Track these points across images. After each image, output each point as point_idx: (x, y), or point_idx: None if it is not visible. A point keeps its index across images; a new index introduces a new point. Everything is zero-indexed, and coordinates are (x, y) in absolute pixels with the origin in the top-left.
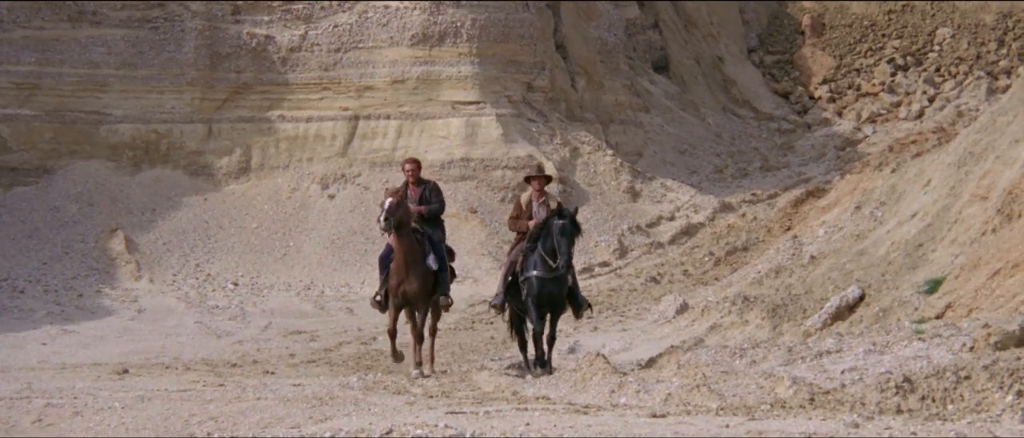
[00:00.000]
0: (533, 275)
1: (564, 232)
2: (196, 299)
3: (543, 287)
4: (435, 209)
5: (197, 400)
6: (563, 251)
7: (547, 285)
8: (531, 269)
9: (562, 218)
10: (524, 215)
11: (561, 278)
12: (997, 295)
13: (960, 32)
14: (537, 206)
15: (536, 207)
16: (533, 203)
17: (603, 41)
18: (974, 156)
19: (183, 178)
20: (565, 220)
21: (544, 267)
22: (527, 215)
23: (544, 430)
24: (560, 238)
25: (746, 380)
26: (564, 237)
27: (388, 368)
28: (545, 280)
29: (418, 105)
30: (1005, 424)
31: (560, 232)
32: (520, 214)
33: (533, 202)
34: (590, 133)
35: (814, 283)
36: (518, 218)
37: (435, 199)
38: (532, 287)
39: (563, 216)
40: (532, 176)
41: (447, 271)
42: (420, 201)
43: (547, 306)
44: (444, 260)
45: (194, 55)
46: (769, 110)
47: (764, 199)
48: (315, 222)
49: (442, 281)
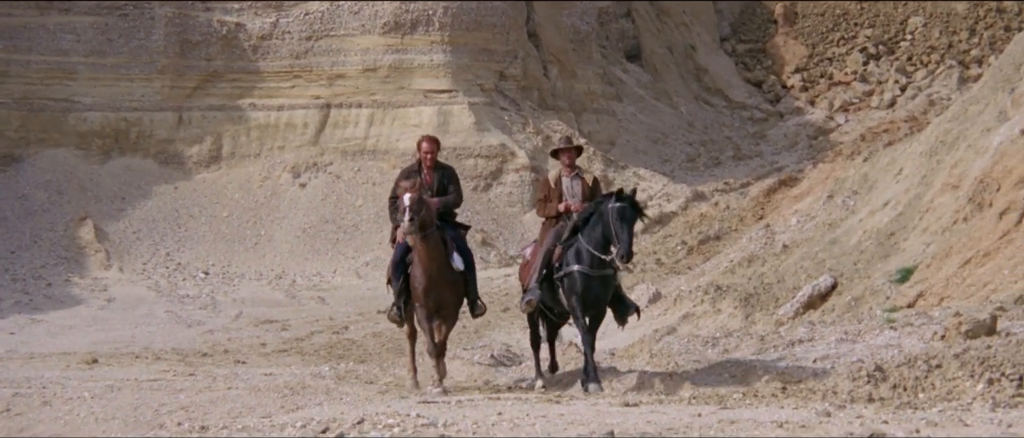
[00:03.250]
0: (576, 270)
1: (624, 217)
2: (166, 288)
3: (589, 286)
4: (450, 201)
5: (167, 390)
6: (623, 240)
7: (593, 284)
8: (573, 262)
9: (620, 201)
10: (554, 196)
11: (608, 278)
12: (968, 284)
13: (932, 21)
14: (569, 182)
15: (568, 184)
16: (564, 180)
17: (576, 30)
18: (945, 145)
19: (153, 166)
20: (624, 203)
21: (590, 261)
22: (557, 195)
23: (516, 419)
24: (619, 224)
25: (717, 369)
26: (624, 223)
27: (360, 357)
28: (591, 278)
29: (390, 93)
30: (975, 412)
31: (618, 217)
32: (549, 195)
33: (564, 178)
34: (563, 122)
35: (786, 272)
36: (547, 200)
37: (453, 188)
38: (574, 285)
39: (621, 198)
40: (560, 148)
41: (474, 272)
42: (436, 190)
43: (590, 309)
44: (471, 260)
45: (164, 43)
46: (741, 99)
47: (736, 188)
48: (286, 211)
49: (472, 284)
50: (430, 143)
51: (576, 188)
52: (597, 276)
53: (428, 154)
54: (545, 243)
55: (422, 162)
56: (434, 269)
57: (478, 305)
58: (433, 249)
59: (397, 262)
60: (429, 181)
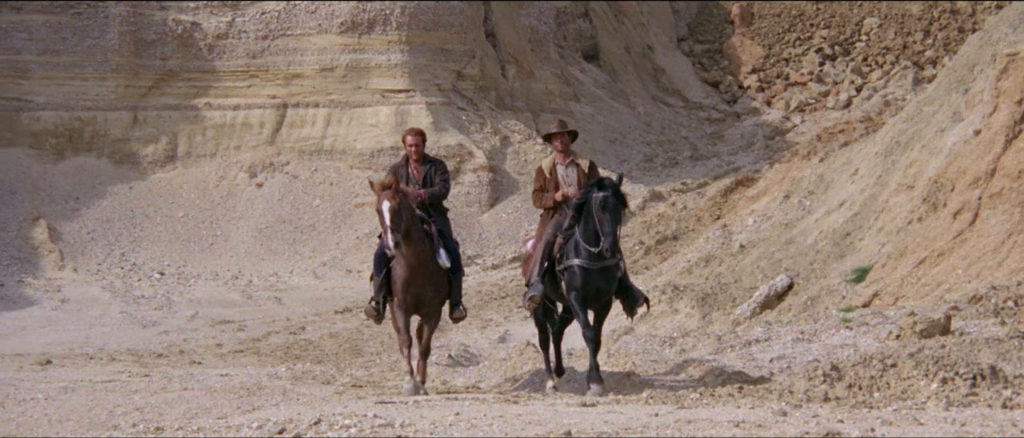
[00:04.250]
0: (576, 264)
1: (606, 207)
2: (121, 289)
3: (589, 279)
4: (436, 192)
5: (122, 391)
6: (607, 231)
7: (594, 277)
8: (572, 256)
9: (603, 189)
10: (550, 185)
11: (610, 269)
12: (923, 283)
13: (887, 22)
14: (564, 170)
15: (563, 172)
16: (558, 168)
17: (533, 29)
18: (900, 146)
19: (108, 166)
20: (606, 192)
21: (587, 255)
22: (553, 185)
23: (474, 420)
24: (601, 215)
25: (675, 369)
26: (606, 213)
27: (317, 357)
28: (591, 271)
29: (347, 93)
30: (930, 411)
31: (601, 207)
32: (544, 185)
33: (558, 166)
34: (520, 122)
35: (743, 272)
36: (542, 191)
37: (439, 179)
38: (575, 279)
39: (604, 187)
40: (552, 133)
41: (461, 271)
42: (423, 183)
43: (593, 303)
44: (458, 257)
45: (118, 41)
46: (699, 99)
47: (694, 188)
48: (243, 211)
49: (456, 285)
50: (415, 136)
51: (571, 176)
52: (597, 268)
53: (413, 147)
54: (545, 235)
55: (409, 156)
56: (416, 263)
57: (459, 307)
58: (417, 243)
59: (380, 255)
60: (416, 175)
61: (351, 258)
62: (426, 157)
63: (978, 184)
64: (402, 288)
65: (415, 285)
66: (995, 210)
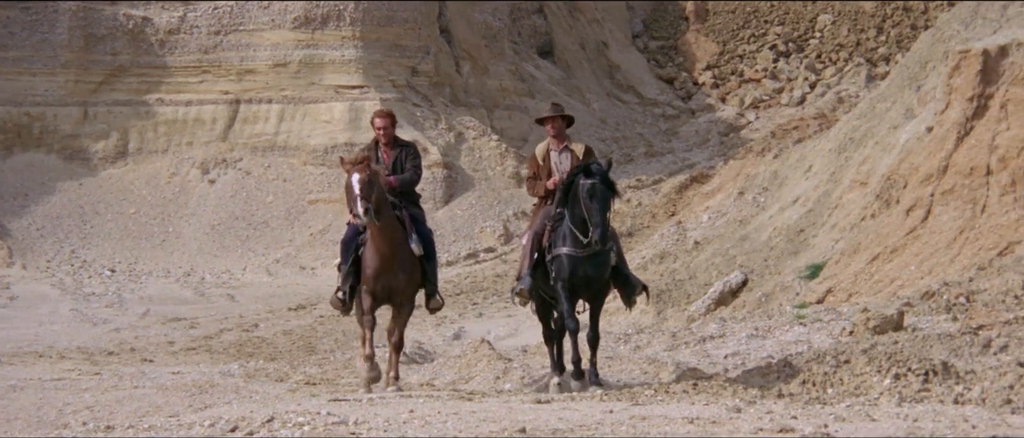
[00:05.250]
0: (563, 252)
1: (594, 195)
2: (71, 286)
3: (576, 268)
4: (407, 179)
5: (72, 389)
6: (596, 222)
7: (581, 266)
8: (560, 245)
9: (590, 176)
10: (543, 173)
11: (600, 256)
12: (876, 280)
13: (841, 19)
14: (558, 156)
15: (556, 158)
16: (552, 153)
17: (488, 26)
18: (854, 142)
19: (57, 162)
20: (594, 179)
21: (575, 242)
22: (546, 172)
23: (428, 417)
24: (589, 204)
25: (630, 365)
26: (595, 202)
27: (270, 355)
28: (578, 259)
29: (301, 89)
30: (883, 407)
31: (588, 195)
32: (538, 171)
33: (552, 151)
34: (475, 118)
35: (698, 268)
36: (536, 178)
37: (410, 164)
38: (562, 269)
39: (591, 174)
40: (545, 117)
41: (435, 259)
42: (393, 168)
43: (583, 292)
44: (431, 244)
45: (68, 36)
46: (653, 96)
47: (648, 185)
48: (195, 207)
49: (430, 272)
50: (384, 118)
51: (565, 162)
52: (586, 256)
53: (382, 130)
54: (535, 225)
55: (378, 139)
56: (387, 251)
57: (435, 297)
58: (387, 229)
59: (348, 241)
60: (387, 160)
61: (305, 255)
62: (396, 140)
63: (930, 181)
64: (373, 277)
65: (387, 273)
66: (947, 207)
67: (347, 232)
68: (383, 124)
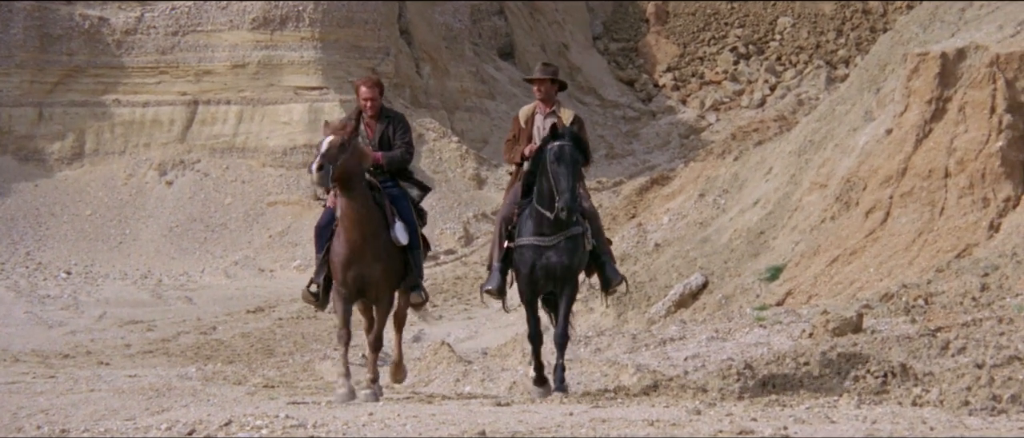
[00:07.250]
0: (525, 243)
1: (562, 158)
2: (26, 288)
3: (539, 258)
4: (396, 157)
5: (26, 392)
6: (563, 188)
7: (544, 255)
8: (522, 232)
9: (557, 138)
10: (523, 137)
11: (568, 243)
12: (835, 282)
13: (800, 22)
14: (542, 120)
15: (540, 122)
16: (537, 117)
17: (448, 27)
18: (814, 144)
19: (12, 163)
20: (562, 140)
21: (538, 226)
22: (527, 137)
23: (387, 420)
24: (556, 168)
25: (590, 368)
26: (562, 166)
27: (228, 358)
28: (544, 249)
29: (259, 90)
30: (842, 409)
31: (556, 159)
32: (518, 134)
33: (537, 116)
34: (435, 119)
35: (658, 271)
36: (515, 140)
37: (400, 140)
38: (523, 260)
39: (558, 137)
40: (534, 77)
41: (420, 248)
42: (380, 143)
43: (547, 284)
44: (416, 231)
45: (23, 36)
46: (614, 98)
47: (609, 187)
48: (152, 209)
49: (414, 263)
50: (371, 88)
51: (548, 128)
52: (551, 245)
53: (368, 101)
54: (503, 209)
55: (362, 111)
56: (359, 238)
57: (419, 291)
58: (360, 211)
59: (322, 227)
60: (371, 134)
61: (263, 257)
62: (384, 111)
63: (889, 183)
64: (342, 267)
65: (359, 264)
66: (906, 209)
67: (322, 217)
68: (371, 95)
